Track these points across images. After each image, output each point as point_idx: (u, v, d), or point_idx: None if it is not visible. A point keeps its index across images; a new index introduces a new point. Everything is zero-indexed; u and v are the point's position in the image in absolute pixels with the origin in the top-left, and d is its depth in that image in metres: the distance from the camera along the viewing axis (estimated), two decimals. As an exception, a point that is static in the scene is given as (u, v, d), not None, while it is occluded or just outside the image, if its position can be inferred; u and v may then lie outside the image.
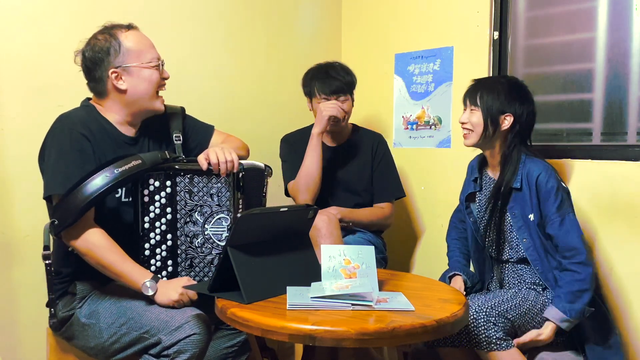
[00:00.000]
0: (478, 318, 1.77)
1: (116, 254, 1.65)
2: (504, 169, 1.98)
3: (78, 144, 1.69)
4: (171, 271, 1.76)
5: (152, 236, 1.74)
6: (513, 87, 2.00)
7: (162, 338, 1.58)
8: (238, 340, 1.83)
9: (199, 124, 2.03)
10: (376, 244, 2.39)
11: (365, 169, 2.48)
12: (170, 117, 1.95)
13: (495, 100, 1.96)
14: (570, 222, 1.88)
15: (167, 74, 1.84)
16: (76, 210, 1.59)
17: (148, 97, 1.79)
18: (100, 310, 1.70)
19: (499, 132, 1.97)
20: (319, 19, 3.03)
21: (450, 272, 2.11)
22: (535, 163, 1.95)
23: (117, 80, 1.74)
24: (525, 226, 1.94)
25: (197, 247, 1.77)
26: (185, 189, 1.76)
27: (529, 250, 1.94)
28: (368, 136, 2.54)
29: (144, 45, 1.79)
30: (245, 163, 1.83)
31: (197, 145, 1.97)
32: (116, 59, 1.74)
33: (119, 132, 1.80)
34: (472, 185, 2.14)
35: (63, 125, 1.72)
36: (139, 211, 1.73)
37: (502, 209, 1.98)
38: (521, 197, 1.94)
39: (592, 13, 2.31)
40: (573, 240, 1.86)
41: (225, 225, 1.78)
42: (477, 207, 2.12)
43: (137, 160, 1.67)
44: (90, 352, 1.74)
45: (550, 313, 1.85)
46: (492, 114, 1.96)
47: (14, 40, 1.98)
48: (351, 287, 1.48)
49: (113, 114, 1.80)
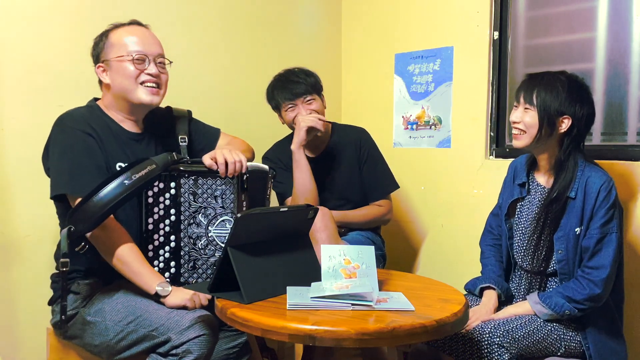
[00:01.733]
0: (492, 344, 1.69)
1: (136, 253, 1.67)
2: (559, 176, 1.82)
3: (81, 141, 1.70)
4: (174, 272, 1.76)
5: (155, 237, 1.74)
6: (574, 86, 1.82)
7: (171, 337, 1.58)
8: (239, 341, 1.83)
9: (205, 127, 2.04)
10: (374, 240, 2.38)
11: (353, 172, 2.39)
12: (176, 120, 1.96)
13: (554, 100, 1.78)
14: (610, 241, 1.75)
15: (153, 70, 1.77)
16: (93, 218, 1.59)
17: (127, 91, 1.76)
18: (106, 308, 1.70)
19: (555, 135, 1.81)
20: (319, 19, 3.03)
21: (484, 283, 1.94)
22: (596, 172, 1.79)
23: (102, 74, 1.78)
24: (565, 237, 1.81)
25: (201, 249, 1.77)
26: (190, 191, 1.76)
27: (562, 263, 1.82)
28: (350, 134, 2.42)
29: (128, 40, 1.76)
30: (250, 165, 1.83)
31: (203, 148, 1.97)
32: (102, 54, 1.78)
33: (123, 129, 1.81)
34: (517, 190, 1.96)
35: (64, 123, 1.72)
36: (142, 212, 1.73)
37: (556, 222, 1.82)
38: (572, 207, 1.80)
39: (592, 13, 2.31)
40: (602, 259, 1.74)
41: (229, 227, 1.78)
42: (519, 214, 1.96)
43: (151, 165, 1.67)
44: (94, 350, 1.74)
45: (530, 295, 1.82)
46: (550, 115, 1.78)
47: (14, 40, 1.98)
48: (351, 287, 1.48)
49: (113, 111, 1.81)
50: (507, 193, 2.02)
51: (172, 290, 1.66)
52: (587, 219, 1.78)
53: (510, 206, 1.98)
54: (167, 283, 1.66)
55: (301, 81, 2.26)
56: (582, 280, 1.76)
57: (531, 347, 1.74)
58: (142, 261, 1.67)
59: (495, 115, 2.56)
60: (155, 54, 1.79)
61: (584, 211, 1.78)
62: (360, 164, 2.39)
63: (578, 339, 1.80)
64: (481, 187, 2.55)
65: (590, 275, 1.75)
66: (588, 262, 1.77)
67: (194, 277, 1.77)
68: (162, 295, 1.64)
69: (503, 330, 1.71)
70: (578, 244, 1.80)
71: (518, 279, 1.99)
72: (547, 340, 1.77)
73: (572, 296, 1.75)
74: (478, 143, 2.58)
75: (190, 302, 1.64)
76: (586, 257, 1.78)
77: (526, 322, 1.78)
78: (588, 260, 1.78)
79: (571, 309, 1.75)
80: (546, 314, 1.78)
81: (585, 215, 1.78)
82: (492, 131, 2.57)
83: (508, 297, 1.95)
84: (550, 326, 1.79)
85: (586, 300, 1.74)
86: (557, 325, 1.81)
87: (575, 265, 1.82)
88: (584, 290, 1.74)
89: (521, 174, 1.97)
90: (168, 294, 1.65)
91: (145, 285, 1.65)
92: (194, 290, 1.65)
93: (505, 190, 2.05)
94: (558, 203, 1.82)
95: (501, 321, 1.76)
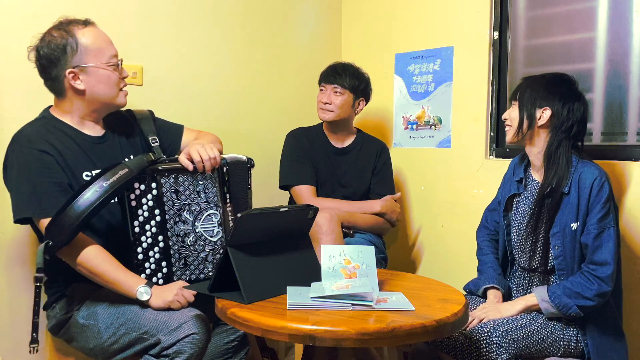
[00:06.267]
0: (490, 343, 1.69)
1: (108, 262, 1.64)
2: (548, 170, 1.85)
3: (37, 160, 1.65)
4: (166, 272, 1.75)
5: (143, 240, 1.72)
6: (555, 80, 1.89)
7: (161, 338, 1.57)
8: (237, 335, 1.83)
9: (169, 124, 2.03)
10: (376, 243, 2.39)
11: (366, 175, 2.52)
12: (140, 121, 1.93)
13: (533, 92, 1.87)
14: (609, 236, 1.76)
15: (126, 72, 1.79)
16: (70, 228, 1.57)
17: (109, 97, 1.75)
18: (98, 311, 1.70)
19: (536, 127, 1.86)
20: (319, 19, 3.03)
21: (488, 284, 1.95)
22: (589, 167, 1.81)
23: (74, 80, 1.69)
24: (562, 233, 1.82)
25: (190, 246, 1.77)
26: (172, 189, 1.75)
27: (559, 259, 1.83)
28: (373, 142, 2.60)
29: (103, 43, 1.73)
30: (228, 157, 1.84)
31: (169, 145, 1.97)
32: (73, 58, 1.67)
33: (83, 134, 1.77)
34: (515, 186, 1.99)
35: (19, 144, 1.67)
36: (127, 217, 1.71)
37: (551, 218, 1.84)
38: (567, 203, 1.82)
39: (592, 13, 2.31)
40: (604, 255, 1.75)
41: (216, 220, 1.78)
42: (515, 209, 1.98)
43: (123, 170, 1.64)
44: (89, 354, 1.74)
45: (538, 289, 1.82)
46: (528, 107, 1.86)
47: (14, 40, 1.98)
48: (351, 287, 1.48)
49: (73, 115, 1.76)
50: (505, 189, 2.04)
51: (154, 292, 1.64)
52: (582, 214, 1.79)
53: (507, 202, 2.01)
54: (146, 286, 1.63)
55: (344, 75, 2.45)
56: (589, 276, 1.76)
57: (530, 348, 1.74)
58: (117, 268, 1.64)
59: (495, 115, 2.56)
60: (118, 55, 1.78)
61: (579, 207, 1.80)
62: (374, 171, 2.54)
63: (578, 337, 1.81)
64: (481, 187, 2.55)
65: (597, 272, 1.75)
66: (592, 258, 1.78)
67: (187, 274, 1.76)
68: (143, 301, 1.63)
69: (502, 331, 1.71)
70: (575, 239, 1.81)
71: (517, 277, 1.99)
72: (547, 341, 1.77)
73: (582, 292, 1.75)
74: (478, 143, 2.58)
75: (174, 303, 1.63)
76: (588, 252, 1.79)
77: (526, 322, 1.78)
78: (591, 255, 1.78)
79: (577, 311, 1.75)
80: (551, 313, 1.79)
81: (581, 210, 1.79)
82: (492, 131, 2.57)
83: (509, 295, 1.96)
84: (551, 327, 1.80)
85: (596, 296, 1.75)
86: (557, 325, 1.81)
87: (574, 261, 1.82)
88: (592, 286, 1.75)
89: (519, 170, 2.00)
90: (149, 297, 1.63)
91: (125, 292, 1.63)
92: (194, 290, 1.64)
93: (504, 186, 2.07)
94: (551, 198, 1.84)
95: (500, 321, 1.76)
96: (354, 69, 2.50)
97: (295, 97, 2.89)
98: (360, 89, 2.49)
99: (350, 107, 2.48)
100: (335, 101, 2.43)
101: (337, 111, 2.44)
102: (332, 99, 2.44)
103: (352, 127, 2.58)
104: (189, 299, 1.65)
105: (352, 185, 2.50)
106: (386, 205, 2.42)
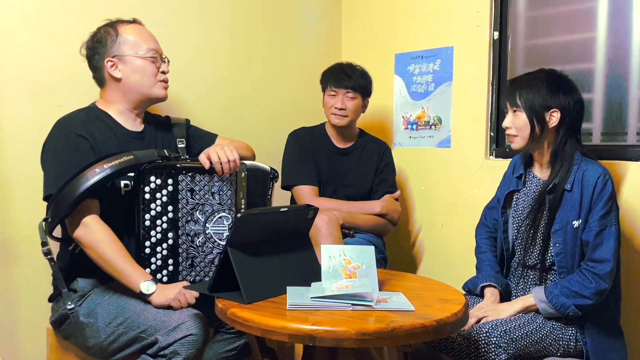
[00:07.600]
0: (489, 343, 1.68)
1: (119, 251, 1.66)
2: (555, 167, 1.83)
3: (73, 145, 1.70)
4: (172, 270, 1.76)
5: (152, 234, 1.74)
6: (553, 78, 1.85)
7: (158, 338, 1.58)
8: (238, 344, 1.83)
9: (202, 132, 2.07)
10: (376, 243, 2.39)
11: (369, 172, 2.52)
12: (174, 126, 1.99)
13: (537, 96, 1.81)
14: (610, 234, 1.76)
15: (167, 68, 1.87)
16: (66, 204, 1.61)
17: (145, 86, 1.82)
18: (98, 309, 1.70)
19: (547, 130, 1.83)
20: (319, 19, 3.03)
21: (485, 282, 1.94)
22: (592, 165, 1.80)
23: (112, 68, 1.79)
24: (563, 230, 1.81)
25: (199, 247, 1.77)
26: (187, 188, 1.75)
27: (560, 256, 1.82)
28: (376, 142, 2.60)
29: (142, 37, 1.82)
30: (250, 164, 1.84)
31: (200, 150, 1.98)
32: (112, 48, 1.79)
33: (123, 128, 1.82)
34: (514, 182, 1.98)
35: (59, 128, 1.74)
36: (140, 209, 1.72)
37: (552, 214, 1.83)
38: (568, 200, 1.81)
39: (592, 13, 2.31)
40: (605, 253, 1.74)
41: (227, 224, 1.78)
42: (515, 206, 1.97)
43: (128, 156, 1.69)
44: (89, 352, 1.75)
45: (535, 290, 1.81)
46: (537, 112, 1.81)
47: (14, 40, 1.98)
48: (351, 287, 1.48)
49: (115, 105, 1.83)
50: (505, 186, 2.04)
51: (158, 289, 1.65)
52: (585, 211, 1.79)
53: (506, 198, 2.00)
54: (152, 281, 1.65)
55: (353, 77, 2.44)
56: (587, 274, 1.76)
57: (529, 348, 1.74)
58: (126, 258, 1.66)
59: (495, 115, 2.56)
60: (162, 53, 1.87)
61: (582, 204, 1.79)
62: (377, 171, 2.53)
63: (577, 337, 1.80)
64: (481, 187, 2.55)
65: (595, 269, 1.75)
66: (592, 255, 1.77)
67: (192, 275, 1.76)
68: (146, 294, 1.64)
69: (501, 331, 1.71)
70: (576, 237, 1.81)
71: (516, 274, 1.99)
72: (546, 341, 1.77)
73: (580, 291, 1.74)
74: (478, 143, 2.58)
75: (175, 302, 1.63)
76: (588, 250, 1.79)
77: (525, 322, 1.77)
78: (591, 253, 1.78)
79: (575, 310, 1.75)
80: (549, 313, 1.78)
81: (584, 208, 1.79)
82: (492, 131, 2.57)
83: (507, 293, 1.96)
84: (550, 326, 1.79)
85: (594, 294, 1.74)
86: (556, 324, 1.80)
87: (575, 259, 1.82)
88: (590, 284, 1.74)
89: (519, 167, 2.00)
90: (152, 292, 1.64)
91: (130, 283, 1.65)
92: (195, 290, 1.64)
93: (503, 183, 2.07)
94: (554, 194, 1.83)
95: (499, 321, 1.76)
96: (360, 69, 2.49)
97: (296, 97, 2.89)
98: (368, 90, 2.50)
99: (361, 108, 2.50)
100: (350, 106, 2.43)
101: (352, 116, 2.46)
102: (346, 103, 2.43)
103: (356, 127, 2.58)
104: (190, 300, 1.65)
105: (354, 185, 2.50)
106: (386, 206, 2.42)
